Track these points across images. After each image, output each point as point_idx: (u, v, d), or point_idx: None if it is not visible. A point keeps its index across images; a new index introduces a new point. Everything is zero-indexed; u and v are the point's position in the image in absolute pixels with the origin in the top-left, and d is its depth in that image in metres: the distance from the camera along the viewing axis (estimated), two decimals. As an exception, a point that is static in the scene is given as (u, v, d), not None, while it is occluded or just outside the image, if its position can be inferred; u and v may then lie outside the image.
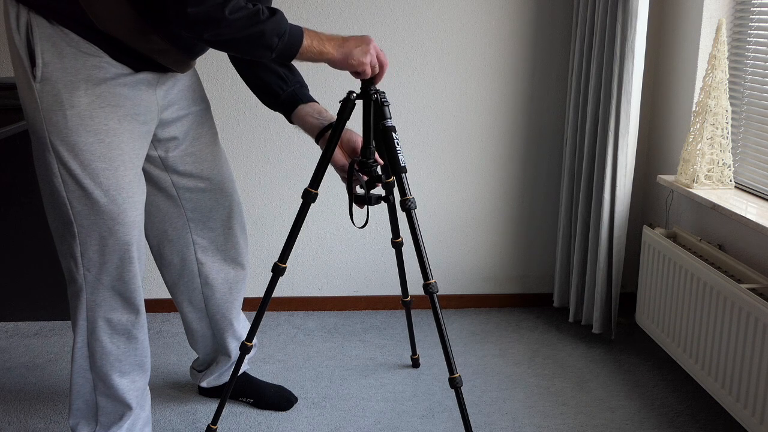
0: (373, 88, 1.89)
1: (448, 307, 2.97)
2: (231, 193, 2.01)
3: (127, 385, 1.84)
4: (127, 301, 1.77)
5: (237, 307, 2.12)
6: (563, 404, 2.26)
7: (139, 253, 1.77)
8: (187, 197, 1.95)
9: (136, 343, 1.82)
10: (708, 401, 2.26)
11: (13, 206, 2.70)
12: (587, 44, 2.57)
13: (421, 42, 2.74)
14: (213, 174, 1.96)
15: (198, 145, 1.92)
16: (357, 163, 1.94)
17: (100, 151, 1.65)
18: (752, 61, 2.27)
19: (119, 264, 1.73)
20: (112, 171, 1.67)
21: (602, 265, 2.54)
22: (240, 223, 2.05)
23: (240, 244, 2.06)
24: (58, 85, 1.61)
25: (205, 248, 2.01)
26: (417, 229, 1.85)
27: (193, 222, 1.98)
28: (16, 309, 2.79)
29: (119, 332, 1.79)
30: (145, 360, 1.87)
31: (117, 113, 1.67)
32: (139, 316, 1.81)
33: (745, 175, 2.32)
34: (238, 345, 2.08)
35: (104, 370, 1.80)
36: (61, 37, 1.61)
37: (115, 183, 1.68)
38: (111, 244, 1.71)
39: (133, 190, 1.72)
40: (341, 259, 2.92)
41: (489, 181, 2.88)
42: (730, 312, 1.97)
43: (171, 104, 1.84)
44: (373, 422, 2.15)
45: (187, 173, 1.92)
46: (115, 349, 1.79)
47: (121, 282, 1.75)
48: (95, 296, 1.74)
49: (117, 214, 1.69)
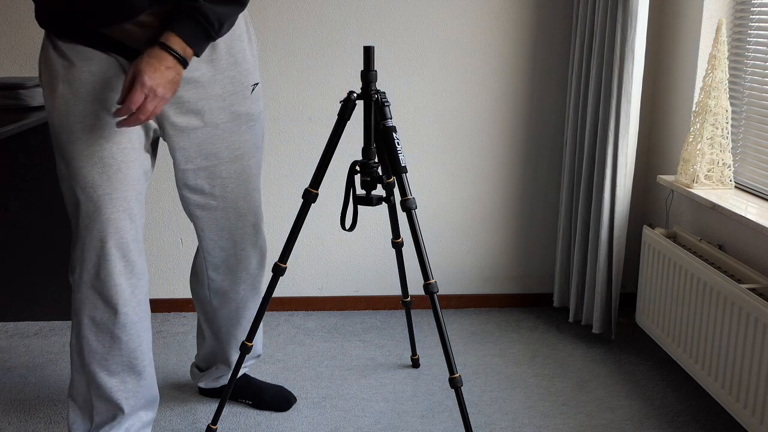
0: (374, 88, 1.89)
1: (448, 307, 2.98)
2: (245, 213, 1.92)
3: (116, 386, 1.81)
4: (104, 300, 1.74)
5: (244, 325, 2.08)
6: (563, 404, 2.26)
7: (122, 250, 1.72)
8: (198, 214, 1.90)
9: (120, 343, 1.78)
10: (708, 401, 2.26)
11: (13, 206, 2.70)
12: (587, 44, 2.57)
13: (421, 42, 2.75)
14: (226, 192, 1.87)
15: (214, 161, 1.83)
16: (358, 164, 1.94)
17: (78, 150, 1.66)
18: (752, 61, 2.27)
19: (96, 261, 1.72)
20: (89, 169, 1.67)
21: (602, 265, 2.54)
22: (253, 242, 1.97)
23: (252, 265, 2.00)
24: (45, 91, 1.70)
25: (216, 266, 1.98)
26: (417, 229, 1.85)
27: (204, 240, 1.94)
28: (16, 309, 2.79)
29: (102, 331, 1.77)
30: (135, 362, 1.82)
31: (98, 113, 1.66)
32: (117, 316, 1.75)
33: (745, 175, 2.32)
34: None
35: (92, 367, 1.79)
36: (49, 46, 1.69)
37: (92, 181, 1.67)
38: (88, 242, 1.71)
39: (112, 186, 1.68)
40: (341, 259, 2.92)
41: (489, 181, 2.88)
42: (730, 312, 1.97)
43: (184, 112, 1.75)
44: (373, 422, 2.15)
45: (198, 189, 1.86)
46: (100, 347, 1.78)
47: (98, 280, 1.73)
48: (79, 294, 1.75)
49: (92, 212, 1.69)
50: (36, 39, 2.66)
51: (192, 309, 2.88)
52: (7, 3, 2.63)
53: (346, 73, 2.76)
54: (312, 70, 2.75)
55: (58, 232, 2.71)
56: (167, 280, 2.88)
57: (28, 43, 2.67)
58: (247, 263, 1.99)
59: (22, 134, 2.63)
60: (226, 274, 1.99)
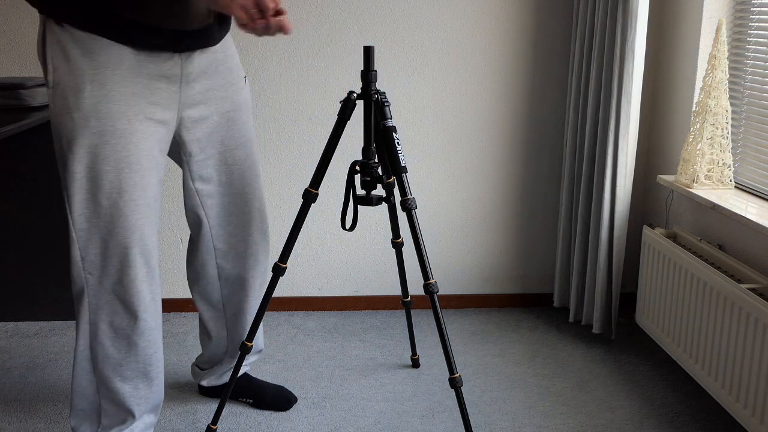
0: (374, 88, 1.89)
1: (448, 307, 2.98)
2: (252, 199, 1.96)
3: (129, 392, 1.81)
4: (126, 306, 1.74)
5: (253, 313, 2.10)
6: (563, 404, 2.26)
7: (145, 257, 1.72)
8: (207, 203, 1.92)
9: (137, 349, 1.78)
10: (708, 401, 2.26)
11: (13, 206, 2.70)
12: (587, 44, 2.57)
13: (421, 42, 2.75)
14: (234, 180, 1.92)
15: (221, 149, 1.87)
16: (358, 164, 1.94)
17: (105, 154, 1.63)
18: (752, 61, 2.27)
19: (119, 267, 1.70)
20: (116, 174, 1.64)
21: (602, 265, 2.54)
22: (260, 229, 2.01)
23: (260, 252, 2.03)
24: (65, 89, 1.62)
25: (225, 253, 1.99)
26: (417, 229, 1.85)
27: (214, 228, 1.95)
28: (16, 309, 2.79)
29: (120, 336, 1.76)
30: (149, 368, 1.82)
31: (127, 114, 1.64)
32: (138, 322, 1.75)
33: (745, 175, 2.32)
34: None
35: (105, 373, 1.78)
36: (68, 38, 1.61)
37: (118, 186, 1.65)
38: (111, 247, 1.69)
39: (137, 193, 1.68)
40: (341, 259, 2.92)
41: (489, 181, 2.88)
42: (730, 312, 1.97)
43: (196, 103, 1.79)
44: (373, 422, 2.15)
45: (208, 178, 1.89)
46: (116, 353, 1.77)
47: (120, 286, 1.72)
48: (97, 299, 1.73)
49: (117, 217, 1.67)
50: (36, 39, 2.66)
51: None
52: (7, 3, 2.63)
53: (346, 73, 2.76)
54: (312, 70, 2.75)
55: (58, 233, 2.71)
56: (167, 280, 2.88)
57: (28, 43, 2.67)
58: (255, 249, 2.02)
59: (22, 134, 2.64)
60: (236, 261, 2.01)
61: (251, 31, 1.49)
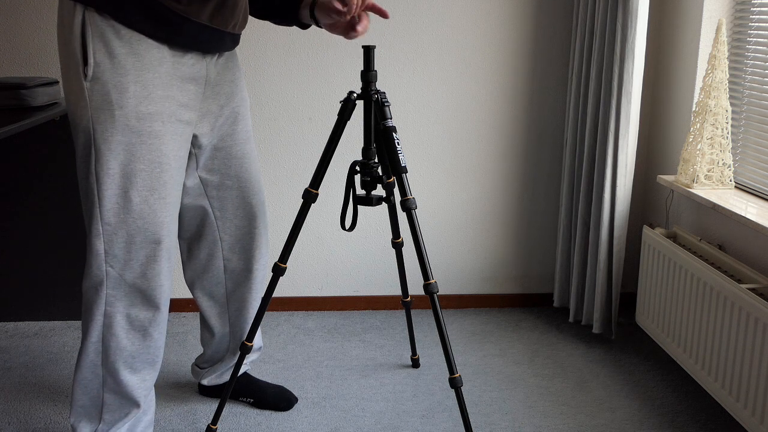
0: (374, 88, 1.89)
1: (448, 307, 2.98)
2: (256, 192, 2.02)
3: (136, 383, 1.84)
4: (147, 298, 1.78)
5: (256, 306, 2.12)
6: (563, 404, 2.26)
7: (169, 252, 1.77)
8: (215, 195, 1.96)
9: (151, 341, 1.82)
10: (708, 401, 2.26)
11: (13, 206, 2.70)
12: (587, 44, 2.57)
13: (421, 42, 2.75)
14: (240, 172, 1.97)
15: (229, 142, 1.93)
16: (358, 164, 1.95)
17: (140, 153, 1.67)
18: (752, 61, 2.27)
19: (144, 261, 1.74)
20: (149, 172, 1.69)
21: (602, 265, 2.54)
22: (264, 222, 2.06)
23: (263, 245, 2.08)
24: (107, 86, 1.63)
25: (232, 246, 2.03)
26: (417, 229, 1.85)
27: (221, 220, 2.00)
28: (16, 309, 2.79)
29: (136, 328, 1.80)
30: (156, 359, 1.87)
31: (162, 116, 1.69)
32: (158, 314, 1.80)
33: (745, 175, 2.32)
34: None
35: (116, 365, 1.80)
36: (113, 34, 1.62)
37: (150, 184, 1.70)
38: (139, 242, 1.72)
39: (167, 191, 1.73)
40: (341, 259, 2.92)
41: (489, 181, 2.88)
42: (730, 312, 1.97)
43: (213, 100, 1.86)
44: (373, 422, 2.15)
45: (215, 170, 1.94)
46: (129, 345, 1.80)
47: (143, 279, 1.76)
48: (116, 291, 1.75)
49: (147, 214, 1.71)
50: (36, 39, 2.66)
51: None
52: (7, 3, 2.63)
53: (346, 73, 2.76)
54: (312, 70, 2.76)
55: (58, 233, 2.71)
56: (167, 280, 2.88)
57: (28, 43, 2.67)
58: (259, 242, 2.06)
59: (23, 134, 2.63)
60: (242, 253, 2.04)
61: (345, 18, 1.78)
